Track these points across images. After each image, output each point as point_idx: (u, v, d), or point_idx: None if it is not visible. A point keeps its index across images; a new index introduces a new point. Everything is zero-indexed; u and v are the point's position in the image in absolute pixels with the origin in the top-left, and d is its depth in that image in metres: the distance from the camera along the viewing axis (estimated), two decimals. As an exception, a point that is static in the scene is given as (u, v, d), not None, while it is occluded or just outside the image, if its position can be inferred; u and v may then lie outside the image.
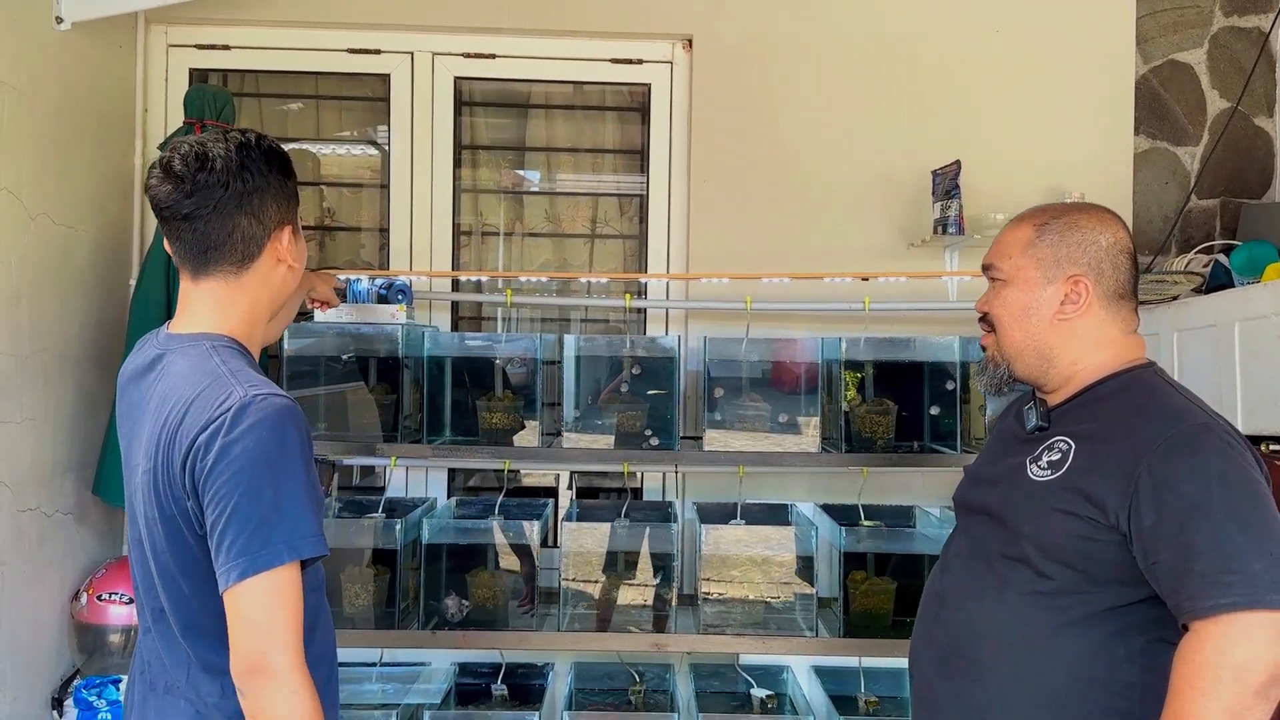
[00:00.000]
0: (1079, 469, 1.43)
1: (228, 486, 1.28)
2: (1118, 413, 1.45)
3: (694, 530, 2.59)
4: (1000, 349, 1.58)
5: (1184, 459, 1.34)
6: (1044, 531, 1.43)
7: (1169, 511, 1.32)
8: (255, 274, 1.46)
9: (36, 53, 2.36)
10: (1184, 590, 1.29)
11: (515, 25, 2.91)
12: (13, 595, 2.26)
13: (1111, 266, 1.50)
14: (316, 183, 3.15)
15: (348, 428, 2.52)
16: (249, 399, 1.31)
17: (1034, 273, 1.52)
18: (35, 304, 2.34)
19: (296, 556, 1.29)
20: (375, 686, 2.77)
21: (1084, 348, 1.51)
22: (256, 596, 1.27)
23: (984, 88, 2.90)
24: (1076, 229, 1.51)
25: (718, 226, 2.89)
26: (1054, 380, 1.55)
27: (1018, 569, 1.46)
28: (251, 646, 1.27)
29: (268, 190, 1.45)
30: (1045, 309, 1.52)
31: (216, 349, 1.41)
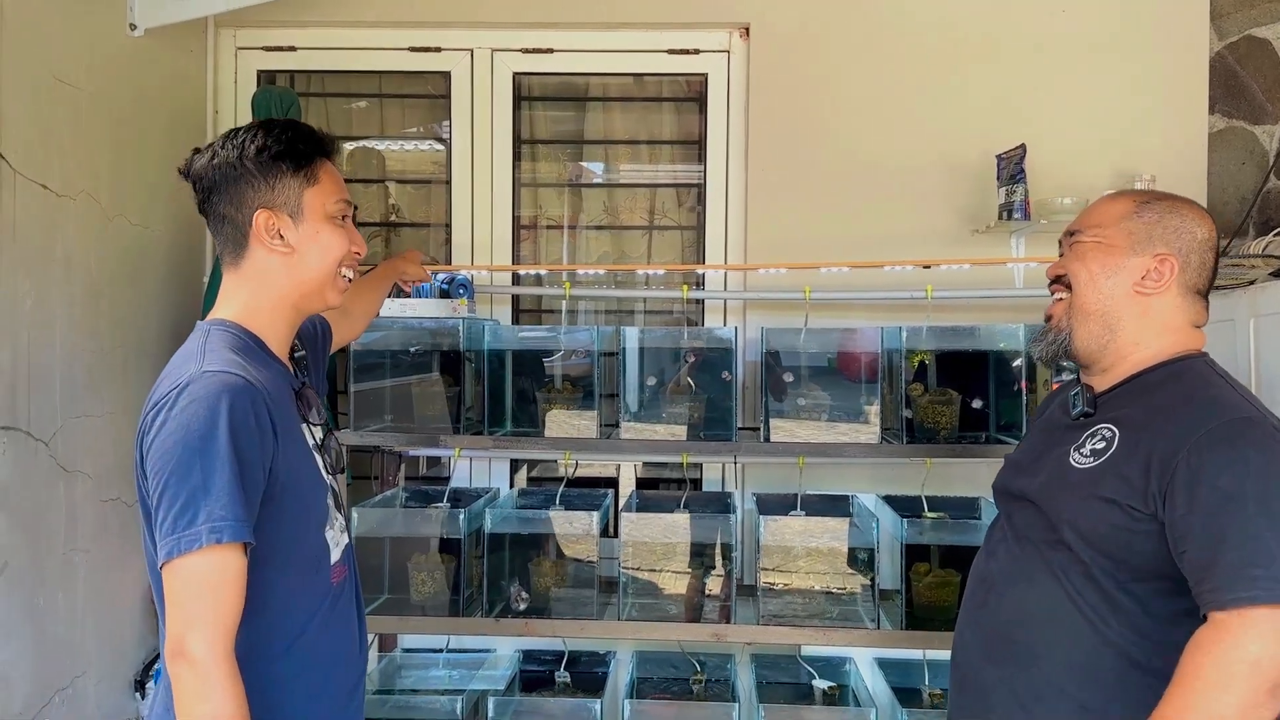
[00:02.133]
0: (1121, 457, 1.42)
1: (161, 461, 1.27)
2: (1164, 402, 1.44)
3: (753, 521, 2.58)
4: (1070, 312, 1.56)
5: (1223, 451, 1.32)
6: (1084, 520, 1.43)
7: (1202, 502, 1.31)
8: (251, 262, 1.45)
9: (111, 59, 2.44)
10: (1209, 581, 1.28)
11: (572, 20, 2.93)
12: (96, 582, 2.36)
13: (1199, 259, 1.51)
14: (382, 180, 3.22)
15: (413, 420, 2.57)
16: (198, 375, 1.30)
17: (1123, 241, 1.51)
18: (114, 301, 2.43)
19: (216, 540, 1.24)
20: (442, 672, 2.83)
21: (1149, 328, 1.51)
22: (181, 578, 1.24)
23: (1050, 68, 2.83)
24: (1177, 214, 1.51)
25: (776, 216, 2.87)
26: (1109, 357, 1.53)
27: (1063, 555, 1.46)
28: (173, 629, 1.24)
29: (244, 176, 1.42)
30: (1125, 277, 1.51)
31: (211, 331, 1.41)
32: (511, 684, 2.75)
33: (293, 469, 1.38)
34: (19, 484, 2.07)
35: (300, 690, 1.39)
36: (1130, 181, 2.68)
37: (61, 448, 2.22)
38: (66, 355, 2.25)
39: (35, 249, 2.13)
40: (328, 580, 1.47)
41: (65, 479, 2.23)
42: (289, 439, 1.39)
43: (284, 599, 1.38)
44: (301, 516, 1.41)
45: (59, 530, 2.21)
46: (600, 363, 2.55)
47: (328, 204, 1.48)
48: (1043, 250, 2.78)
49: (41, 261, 2.16)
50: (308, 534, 1.43)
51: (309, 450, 1.46)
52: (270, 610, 1.37)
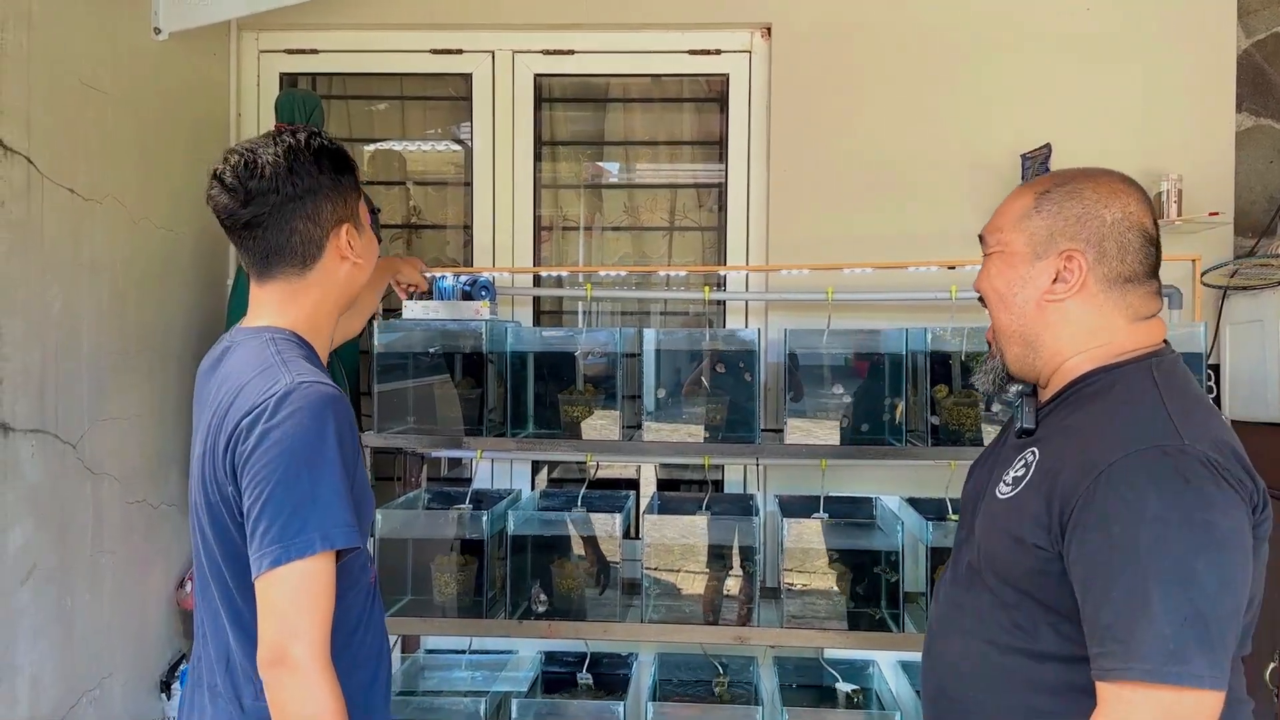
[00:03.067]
0: (1033, 488, 1.25)
1: (265, 471, 1.27)
2: (1086, 420, 1.24)
3: (775, 523, 2.57)
4: (994, 336, 1.39)
5: (1121, 492, 1.13)
6: (1000, 559, 1.28)
7: (1093, 552, 1.14)
8: (319, 273, 1.46)
9: (136, 63, 2.46)
10: (1093, 643, 1.14)
11: (593, 21, 2.93)
12: (122, 584, 2.38)
13: (1118, 246, 1.27)
14: (403, 181, 3.23)
15: (435, 421, 2.58)
16: (294, 385, 1.31)
17: (1024, 247, 1.31)
18: (139, 304, 2.45)
19: (330, 546, 1.26)
20: (465, 674, 2.83)
21: (1075, 335, 1.30)
22: (286, 585, 1.25)
23: (1075, 67, 2.81)
24: (1077, 199, 1.29)
25: (798, 216, 2.86)
26: (1043, 373, 1.34)
27: (987, 598, 1.31)
28: (275, 637, 1.24)
29: (320, 190, 1.43)
30: (1032, 288, 1.31)
31: (275, 340, 1.41)
32: (534, 685, 2.75)
33: (360, 477, 1.41)
34: (48, 486, 2.09)
35: (358, 684, 1.42)
36: (1157, 180, 2.66)
37: (89, 450, 2.23)
38: (93, 358, 2.26)
39: (63, 253, 2.15)
40: (369, 581, 1.51)
41: (92, 481, 2.25)
42: (358, 446, 1.42)
43: (343, 600, 1.40)
44: (363, 523, 1.43)
45: (86, 532, 2.23)
46: (622, 364, 2.55)
47: (363, 210, 1.53)
48: (1068, 250, 2.75)
49: (69, 265, 2.17)
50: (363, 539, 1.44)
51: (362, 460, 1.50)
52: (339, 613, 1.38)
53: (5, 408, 1.96)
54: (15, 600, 1.99)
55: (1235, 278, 2.70)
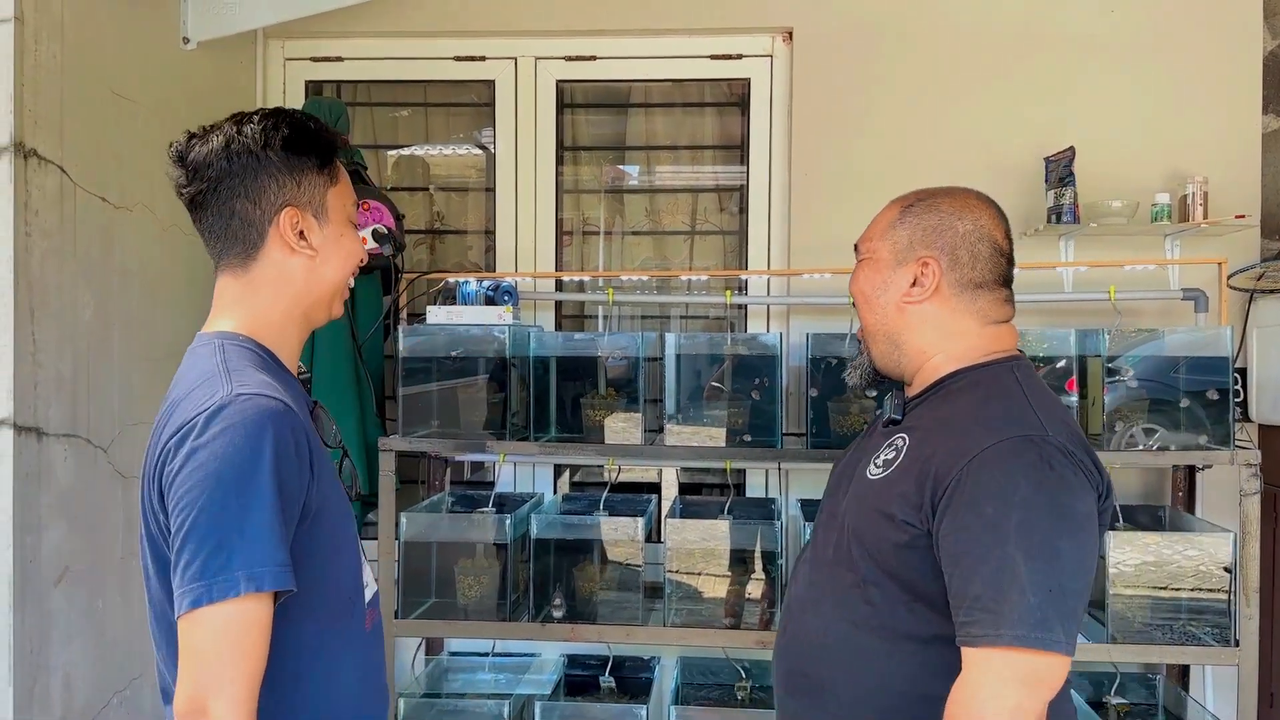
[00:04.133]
0: (904, 468, 1.35)
1: (189, 496, 1.11)
2: (953, 413, 1.35)
3: (798, 527, 2.58)
4: (862, 335, 1.52)
5: (994, 474, 1.24)
6: (868, 534, 1.36)
7: (965, 528, 1.23)
8: (265, 265, 1.29)
9: (165, 72, 2.50)
10: (960, 612, 1.23)
11: (615, 26, 2.94)
12: (153, 584, 2.41)
13: (969, 254, 1.40)
14: (426, 187, 3.25)
15: (459, 425, 2.60)
16: (230, 399, 1.14)
17: (888, 254, 1.44)
18: (169, 310, 2.49)
19: (255, 588, 1.09)
20: (488, 676, 2.85)
21: (933, 336, 1.42)
22: (208, 629, 1.09)
23: (1099, 69, 2.79)
24: (934, 211, 1.43)
25: (820, 219, 2.86)
26: (907, 369, 1.46)
27: (849, 577, 1.38)
28: (192, 689, 1.09)
29: (263, 167, 1.26)
30: (893, 291, 1.43)
31: (224, 346, 1.24)
32: (557, 688, 2.76)
33: (325, 499, 1.23)
34: (80, 490, 2.12)
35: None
36: (1181, 183, 2.64)
37: (119, 455, 2.27)
38: (124, 364, 2.30)
39: (94, 259, 2.19)
40: (361, 625, 1.32)
41: (123, 485, 2.28)
42: (321, 466, 1.24)
43: (312, 648, 1.23)
44: (331, 551, 1.26)
45: (117, 535, 2.27)
46: (643, 368, 2.56)
47: (347, 206, 1.36)
48: (1092, 254, 2.74)
49: (100, 272, 2.21)
50: (338, 571, 1.28)
51: (337, 481, 1.31)
52: (300, 660, 1.22)
53: (39, 413, 1.99)
54: (48, 602, 2.02)
55: (1262, 280, 2.67)
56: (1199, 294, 2.59)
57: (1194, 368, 2.37)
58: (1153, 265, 2.68)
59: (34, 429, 1.98)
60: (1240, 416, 2.60)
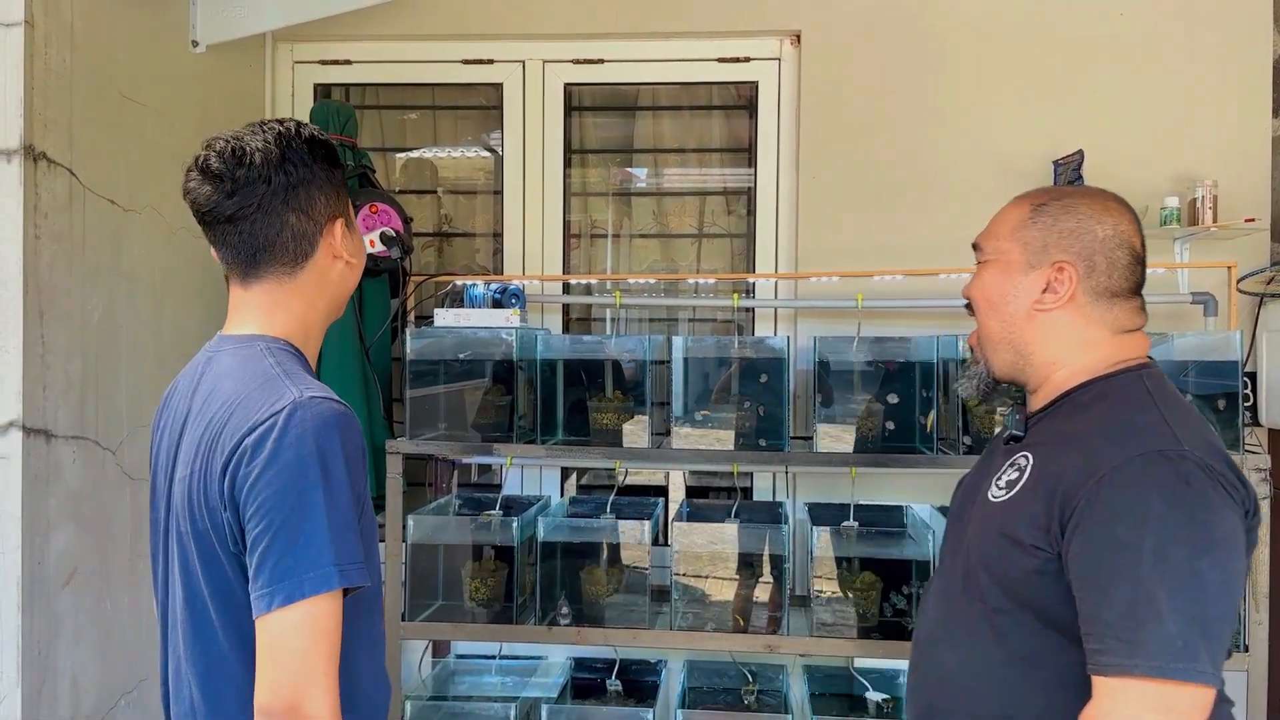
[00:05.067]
0: (1030, 489, 1.27)
1: (277, 498, 1.14)
2: (1081, 428, 1.28)
3: (805, 531, 2.57)
4: (980, 340, 1.43)
5: (1126, 493, 1.17)
6: (995, 562, 1.29)
7: (1096, 550, 1.17)
8: (311, 273, 1.33)
9: (174, 75, 2.50)
10: (1093, 639, 1.17)
11: (623, 30, 2.94)
12: (161, 586, 2.41)
13: (1107, 261, 1.33)
14: (434, 190, 3.26)
15: (466, 427, 2.60)
16: (303, 401, 1.18)
17: (1018, 256, 1.36)
18: (176, 313, 2.49)
19: (347, 583, 1.15)
20: (495, 679, 2.85)
21: (1063, 346, 1.35)
22: (300, 624, 1.12)
23: (1108, 73, 2.78)
24: (1073, 214, 1.35)
25: (827, 223, 2.86)
26: (1032, 381, 1.39)
27: (978, 608, 1.32)
28: (286, 681, 1.11)
29: (314, 182, 1.31)
30: (1024, 297, 1.35)
31: (271, 350, 1.28)
32: (563, 692, 2.76)
33: (365, 499, 1.28)
34: (88, 492, 2.13)
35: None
36: (1190, 187, 2.63)
37: (127, 456, 2.27)
38: (131, 366, 2.30)
39: (103, 262, 2.19)
40: (380, 623, 1.37)
41: (131, 487, 2.29)
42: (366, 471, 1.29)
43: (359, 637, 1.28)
44: (371, 546, 1.31)
45: (125, 537, 2.27)
46: (650, 371, 2.56)
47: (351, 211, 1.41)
48: (1101, 257, 2.73)
49: (109, 274, 2.21)
50: (374, 565, 1.32)
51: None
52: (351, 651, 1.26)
53: (47, 415, 2.00)
54: (57, 603, 2.03)
55: (1272, 284, 2.66)
56: (1208, 298, 2.58)
57: (1203, 372, 2.36)
58: (1162, 269, 2.67)
59: (42, 431, 1.98)
60: (1250, 421, 2.59)
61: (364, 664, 1.30)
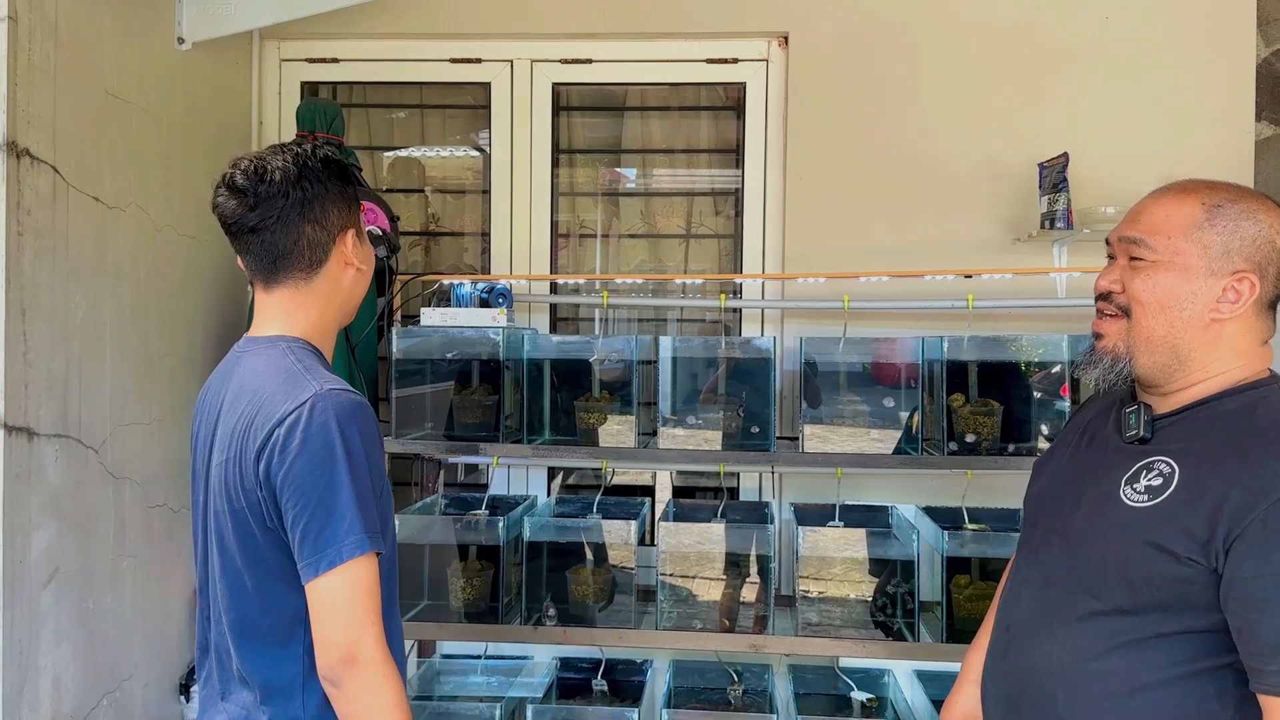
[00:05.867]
0: (1183, 501, 1.26)
1: (309, 478, 1.32)
2: (1236, 437, 1.27)
3: (791, 531, 2.58)
4: (1129, 337, 1.36)
5: None
6: (1134, 566, 1.28)
7: (1274, 575, 1.17)
8: (325, 278, 1.50)
9: (160, 73, 2.49)
10: (1270, 663, 1.18)
11: (611, 30, 2.94)
12: (143, 587, 2.40)
13: (1276, 272, 1.31)
14: (422, 189, 3.25)
15: (453, 427, 2.60)
16: (324, 393, 1.36)
17: (1198, 260, 1.31)
18: (162, 311, 2.48)
19: (374, 548, 1.33)
20: (480, 679, 2.85)
21: (1223, 354, 1.33)
22: (345, 587, 1.31)
23: (1093, 76, 2.80)
24: (1253, 219, 1.31)
25: (814, 224, 2.87)
26: (1173, 384, 1.36)
27: (1095, 605, 1.33)
28: (342, 637, 1.30)
29: (327, 196, 1.48)
30: (1200, 304, 1.31)
31: (292, 349, 1.45)
32: (549, 691, 2.76)
33: (385, 485, 1.45)
34: (70, 491, 2.11)
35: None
36: (1176, 190, 2.65)
37: (111, 455, 2.26)
38: (115, 364, 2.29)
39: (87, 259, 2.18)
40: (394, 590, 1.52)
41: (114, 485, 2.28)
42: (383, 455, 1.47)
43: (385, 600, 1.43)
44: (388, 521, 1.47)
45: (108, 536, 2.26)
46: (638, 371, 2.56)
47: (362, 224, 1.57)
48: (1085, 259, 2.75)
49: (93, 272, 2.20)
50: (391, 538, 1.49)
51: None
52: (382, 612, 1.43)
53: (29, 413, 1.99)
54: (39, 602, 2.02)
55: (1255, 287, 2.67)
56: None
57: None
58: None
59: (24, 429, 1.97)
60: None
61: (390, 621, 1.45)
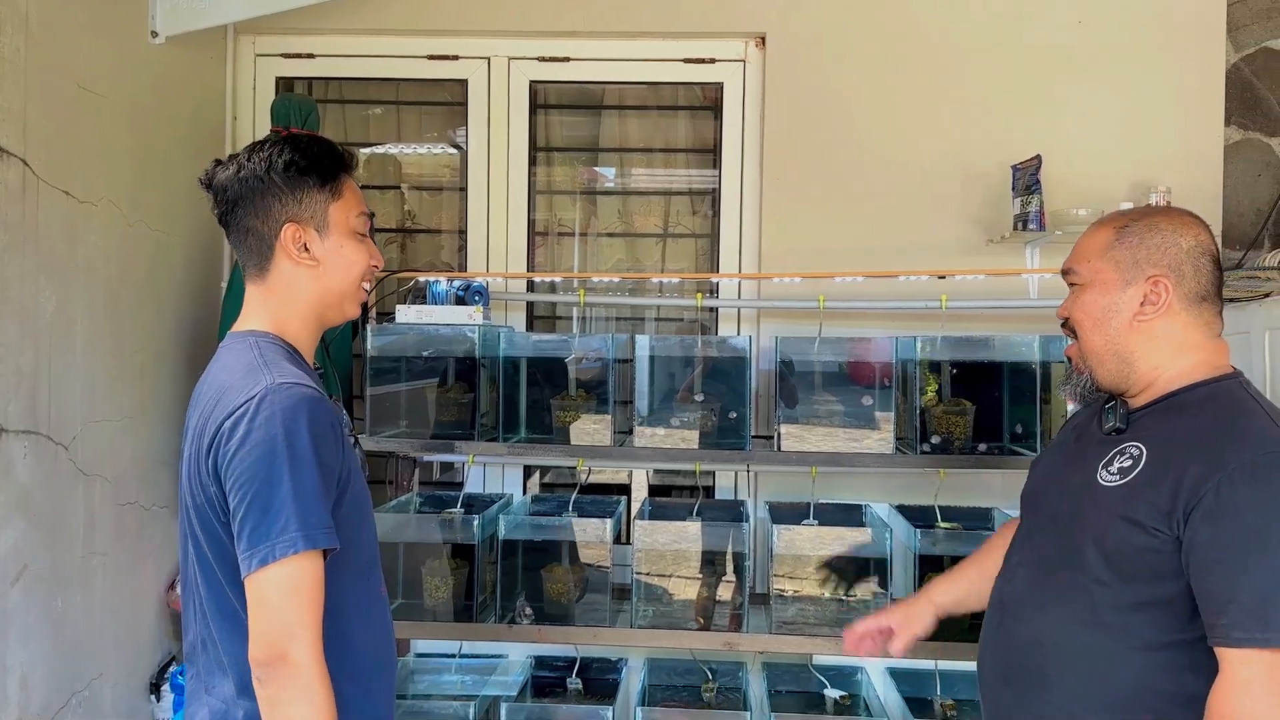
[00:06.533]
0: (1149, 477, 1.41)
1: (249, 472, 1.30)
2: (1199, 425, 1.42)
3: (766, 530, 2.59)
4: (1083, 355, 1.57)
5: (1255, 486, 1.32)
6: (1109, 538, 1.43)
7: (1227, 536, 1.32)
8: (276, 275, 1.48)
9: (134, 67, 2.47)
10: (1224, 615, 1.30)
11: (589, 28, 2.94)
12: (113, 585, 2.38)
13: (1193, 268, 1.48)
14: (398, 186, 3.24)
15: (428, 425, 2.59)
16: (273, 387, 1.34)
17: (1112, 275, 1.51)
18: (133, 306, 2.46)
19: (311, 546, 1.30)
20: (455, 677, 2.84)
21: (1165, 351, 1.49)
22: (277, 584, 1.28)
23: (1067, 80, 2.83)
24: (1156, 231, 1.49)
25: (791, 224, 2.88)
26: (1135, 385, 1.53)
27: (1078, 578, 1.46)
28: (270, 636, 1.28)
29: (270, 189, 1.45)
30: (1125, 311, 1.50)
31: (258, 343, 1.44)
32: (524, 690, 2.76)
33: (352, 475, 1.44)
34: (39, 487, 2.09)
35: (354, 695, 1.42)
36: (1146, 193, 2.68)
37: (81, 452, 2.24)
38: (86, 360, 2.27)
39: (57, 255, 2.16)
40: (379, 588, 1.52)
41: (84, 482, 2.25)
42: (348, 446, 1.45)
43: (340, 604, 1.41)
44: (358, 520, 1.45)
45: (78, 533, 2.23)
46: (615, 370, 2.56)
47: (350, 218, 1.52)
48: (1057, 260, 2.75)
49: (63, 267, 2.18)
50: (362, 538, 1.48)
51: (356, 458, 1.52)
52: (343, 612, 1.41)
53: (-2, 409, 1.96)
54: (6, 601, 1.99)
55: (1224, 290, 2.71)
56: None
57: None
58: (1117, 273, 2.72)
59: (-7, 425, 1.95)
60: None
61: (358, 619, 1.45)
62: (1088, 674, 1.45)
